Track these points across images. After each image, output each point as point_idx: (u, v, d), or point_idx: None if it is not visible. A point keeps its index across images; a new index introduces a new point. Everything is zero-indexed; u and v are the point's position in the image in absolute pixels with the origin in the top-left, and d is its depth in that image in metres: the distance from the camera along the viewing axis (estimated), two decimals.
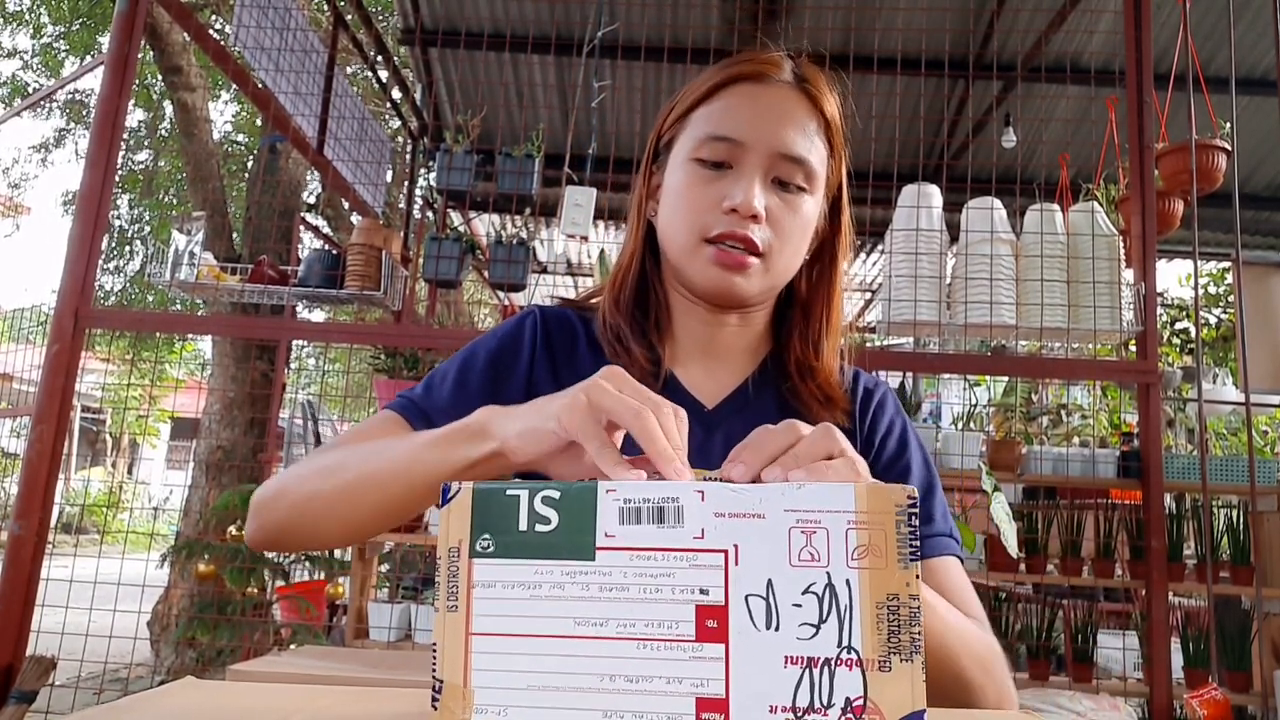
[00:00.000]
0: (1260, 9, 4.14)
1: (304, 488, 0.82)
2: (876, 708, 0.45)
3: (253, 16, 3.85)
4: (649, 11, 4.10)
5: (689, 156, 0.90)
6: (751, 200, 0.85)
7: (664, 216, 0.93)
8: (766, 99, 0.89)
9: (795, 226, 0.89)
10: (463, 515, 0.49)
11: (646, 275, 0.98)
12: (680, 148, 0.92)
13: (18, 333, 5.70)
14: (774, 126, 0.87)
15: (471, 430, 0.70)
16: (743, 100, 0.89)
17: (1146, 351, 2.72)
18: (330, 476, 0.80)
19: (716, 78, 0.91)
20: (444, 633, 0.48)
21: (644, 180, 0.98)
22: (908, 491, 0.47)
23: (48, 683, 2.58)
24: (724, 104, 0.89)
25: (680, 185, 0.90)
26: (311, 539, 0.84)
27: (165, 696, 0.65)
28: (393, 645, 2.95)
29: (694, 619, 0.47)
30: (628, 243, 0.99)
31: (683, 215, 0.89)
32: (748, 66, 0.90)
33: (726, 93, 0.90)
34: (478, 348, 0.96)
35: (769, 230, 0.87)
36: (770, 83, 0.89)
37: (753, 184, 0.86)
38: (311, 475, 0.82)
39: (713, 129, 0.88)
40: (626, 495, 0.48)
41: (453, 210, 5.48)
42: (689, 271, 0.90)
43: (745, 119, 0.88)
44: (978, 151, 5.13)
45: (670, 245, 0.93)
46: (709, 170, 0.88)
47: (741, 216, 0.86)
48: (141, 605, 3.21)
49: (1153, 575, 2.60)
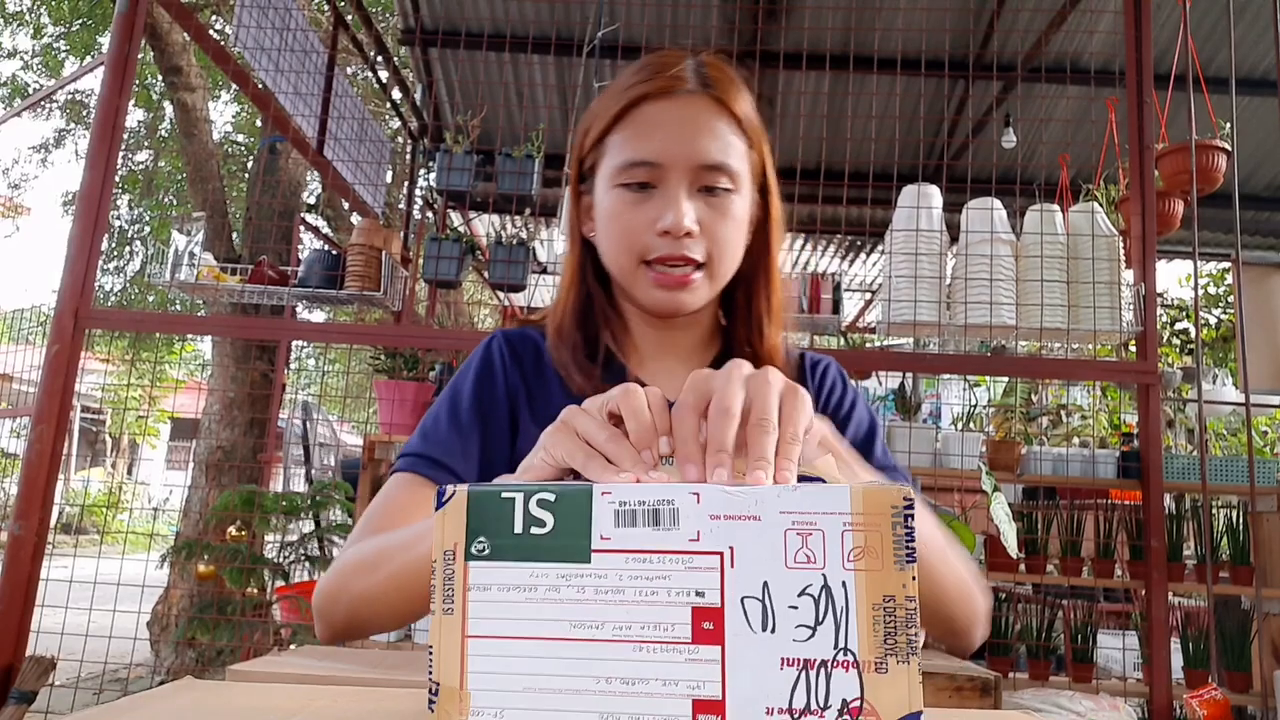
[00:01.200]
0: (1260, 9, 4.14)
1: (355, 588, 0.83)
2: (873, 709, 0.45)
3: (253, 16, 3.86)
4: (649, 11, 4.10)
5: (613, 183, 0.91)
6: (681, 220, 0.87)
7: (602, 241, 0.95)
8: (676, 114, 0.89)
9: (729, 229, 0.91)
10: (458, 518, 0.49)
11: (591, 294, 1.00)
12: (603, 172, 0.93)
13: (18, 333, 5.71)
14: (689, 141, 0.88)
15: None
16: (653, 121, 0.89)
17: (1146, 352, 2.72)
18: (374, 572, 0.81)
19: (622, 100, 0.90)
20: (440, 635, 0.48)
21: (573, 201, 0.99)
22: (904, 493, 0.47)
23: (48, 683, 2.59)
24: (634, 127, 0.90)
25: (609, 211, 0.91)
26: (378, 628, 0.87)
27: (165, 696, 0.65)
28: (393, 645, 2.95)
29: (690, 621, 0.47)
30: (568, 263, 1.01)
31: (617, 240, 0.91)
32: (651, 85, 0.89)
33: (636, 115, 0.90)
34: (458, 385, 0.97)
35: (704, 239, 0.89)
36: (676, 95, 0.89)
37: (679, 202, 0.87)
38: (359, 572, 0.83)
39: (630, 155, 0.89)
40: (622, 498, 0.48)
41: (453, 211, 5.48)
42: (634, 292, 0.94)
43: (659, 140, 0.88)
44: (978, 152, 5.14)
45: (613, 268, 0.95)
46: (634, 193, 0.90)
47: (675, 237, 0.87)
48: (141, 605, 3.21)
49: (1152, 575, 2.60)
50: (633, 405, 0.56)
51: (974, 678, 1.93)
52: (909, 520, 0.47)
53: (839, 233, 6.50)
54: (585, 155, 0.97)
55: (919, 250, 2.85)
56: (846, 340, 4.44)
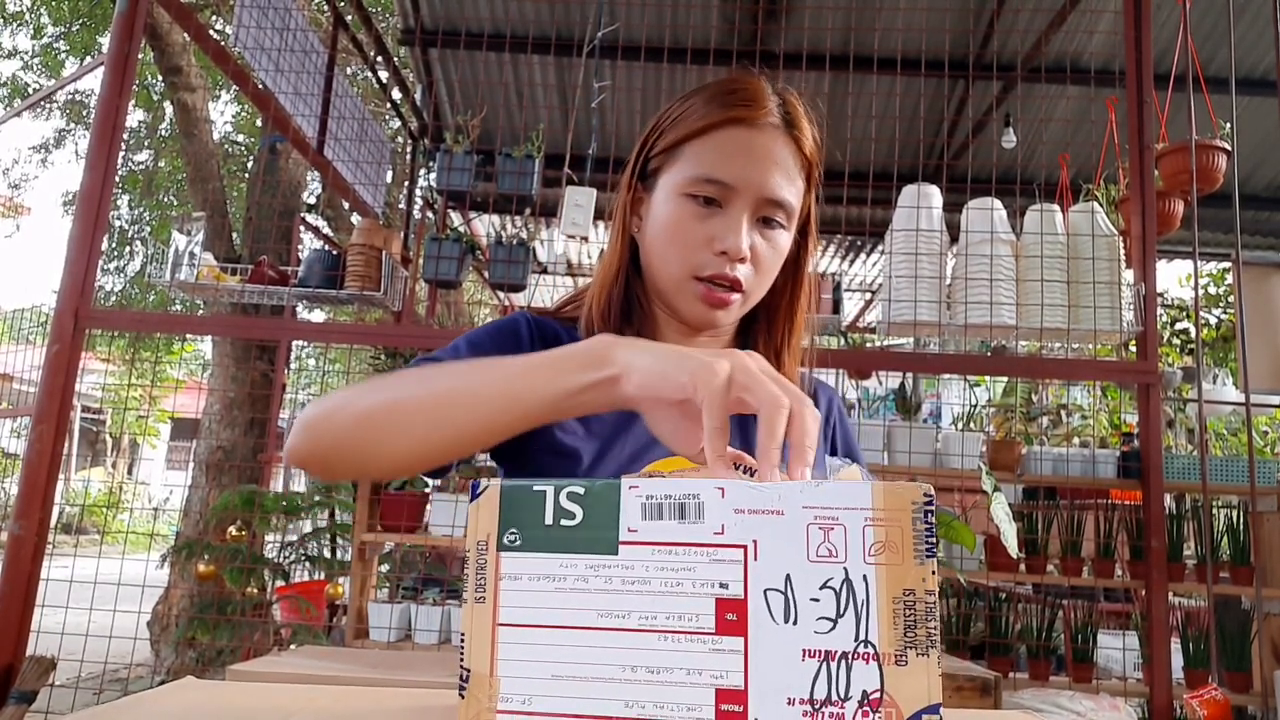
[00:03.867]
0: (1260, 9, 4.15)
1: (374, 398, 0.75)
2: (893, 701, 0.46)
3: (253, 17, 3.86)
4: (649, 11, 4.10)
5: (680, 191, 0.93)
6: (740, 245, 0.90)
7: (652, 243, 0.97)
8: (758, 144, 0.92)
9: (774, 260, 0.95)
10: (491, 510, 0.51)
11: (631, 292, 1.01)
12: (671, 178, 0.95)
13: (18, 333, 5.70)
14: (764, 173, 0.91)
15: (589, 356, 0.67)
16: (736, 144, 0.92)
17: (1146, 352, 2.73)
18: (412, 388, 0.74)
19: (711, 117, 0.93)
20: (471, 623, 0.50)
21: (628, 194, 1.00)
22: (924, 489, 0.48)
23: (48, 683, 2.59)
24: (717, 145, 0.92)
25: (671, 219, 0.93)
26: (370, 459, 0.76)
27: (165, 696, 0.65)
28: (393, 645, 2.95)
29: (714, 612, 0.48)
30: (611, 257, 1.02)
31: (675, 250, 0.94)
32: (741, 110, 0.92)
33: (719, 134, 0.93)
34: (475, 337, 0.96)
35: (751, 267, 0.93)
36: (761, 126, 0.93)
37: (741, 226, 0.91)
38: (383, 388, 0.76)
39: (706, 171, 0.92)
40: (649, 492, 0.50)
41: (453, 210, 5.48)
42: (675, 302, 0.96)
43: (738, 164, 0.91)
44: (978, 152, 5.14)
45: (659, 273, 0.97)
46: (700, 207, 0.92)
47: (731, 259, 0.91)
48: (141, 605, 3.21)
49: (1153, 575, 2.61)
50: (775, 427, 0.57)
51: (974, 678, 1.94)
52: (929, 516, 0.48)
53: (839, 233, 6.50)
54: (654, 155, 0.98)
55: (919, 250, 2.86)
56: (846, 340, 4.44)
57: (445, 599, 3.22)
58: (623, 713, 0.47)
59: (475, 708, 0.49)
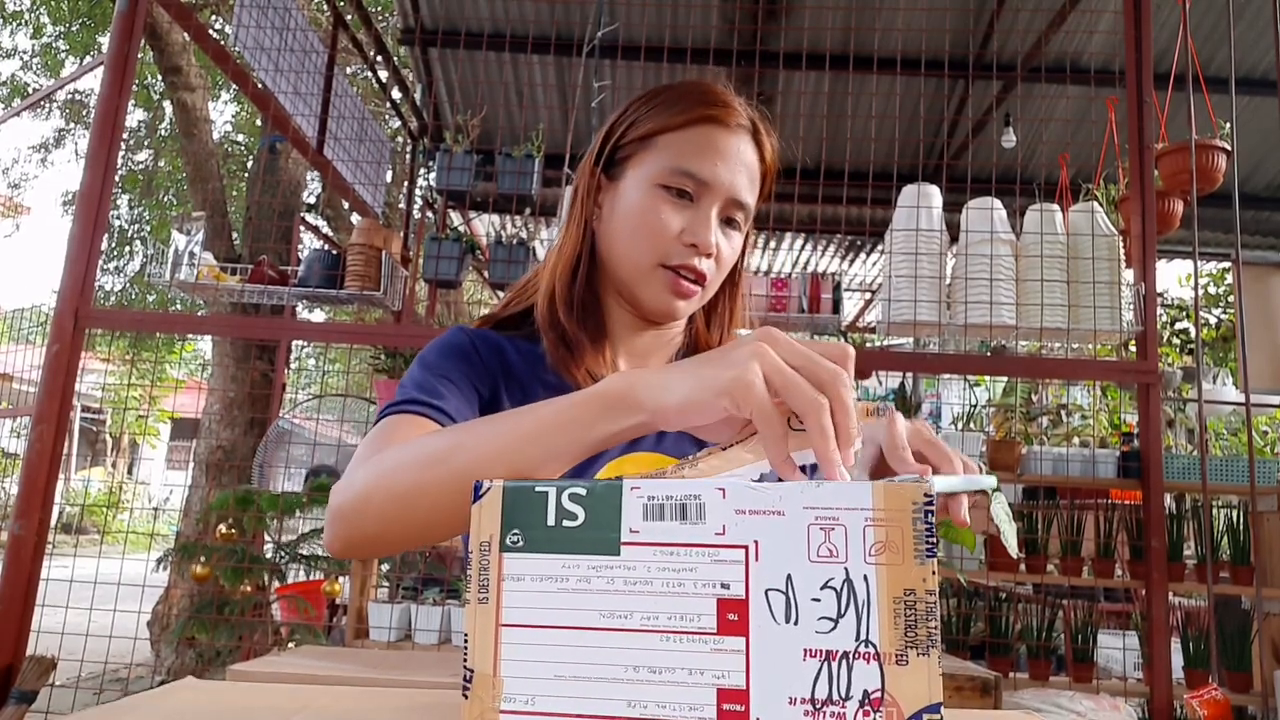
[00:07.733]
0: (1260, 9, 4.15)
1: (404, 480, 0.72)
2: (894, 700, 0.46)
3: (253, 16, 3.86)
4: (649, 11, 4.10)
5: (654, 181, 0.94)
6: (710, 239, 0.94)
7: (618, 231, 0.98)
8: (731, 145, 0.95)
9: (730, 258, 0.99)
10: (494, 511, 0.52)
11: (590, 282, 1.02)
12: (643, 169, 0.96)
13: (18, 333, 5.70)
14: (734, 174, 0.95)
15: (611, 401, 0.64)
16: (711, 142, 0.95)
17: (1146, 352, 2.73)
18: (438, 465, 0.70)
19: (690, 112, 0.95)
20: (475, 624, 0.50)
21: (591, 181, 1.01)
22: (924, 489, 0.48)
23: (48, 683, 2.59)
24: (693, 140, 0.95)
25: (642, 207, 0.95)
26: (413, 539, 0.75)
27: (165, 696, 0.65)
28: (393, 645, 2.95)
29: (715, 612, 0.48)
30: (569, 246, 1.01)
31: (644, 238, 0.95)
32: (718, 110, 0.95)
33: (696, 130, 0.95)
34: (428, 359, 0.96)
35: (713, 263, 0.96)
36: (734, 129, 0.96)
37: (711, 222, 0.94)
38: (410, 467, 0.72)
39: (683, 164, 0.94)
40: (650, 492, 0.50)
41: (453, 210, 5.48)
42: (638, 291, 0.97)
43: (713, 161, 0.94)
44: (978, 151, 5.14)
45: (623, 261, 0.98)
46: (673, 198, 0.94)
47: (700, 252, 0.94)
48: (141, 605, 3.21)
49: (1153, 575, 2.60)
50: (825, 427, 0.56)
51: (974, 678, 1.94)
52: (929, 516, 0.48)
53: (839, 232, 6.51)
54: (624, 144, 0.99)
55: (919, 250, 2.86)
56: (846, 340, 4.44)
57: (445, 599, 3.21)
58: (625, 712, 0.48)
59: (479, 707, 0.49)
